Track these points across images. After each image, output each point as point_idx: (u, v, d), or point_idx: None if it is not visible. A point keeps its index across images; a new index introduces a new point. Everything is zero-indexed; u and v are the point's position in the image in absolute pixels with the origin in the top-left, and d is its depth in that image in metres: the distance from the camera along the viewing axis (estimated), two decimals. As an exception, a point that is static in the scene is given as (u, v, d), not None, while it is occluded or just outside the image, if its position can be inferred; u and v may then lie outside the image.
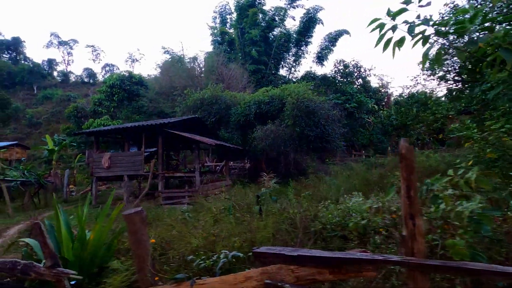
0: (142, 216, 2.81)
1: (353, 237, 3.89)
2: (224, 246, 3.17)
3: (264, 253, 2.19)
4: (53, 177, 17.82)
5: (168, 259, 3.47)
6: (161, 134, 14.02)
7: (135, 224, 2.75)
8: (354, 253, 1.96)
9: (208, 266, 2.64)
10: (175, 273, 2.73)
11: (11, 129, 43.79)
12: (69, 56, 72.76)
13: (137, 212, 2.77)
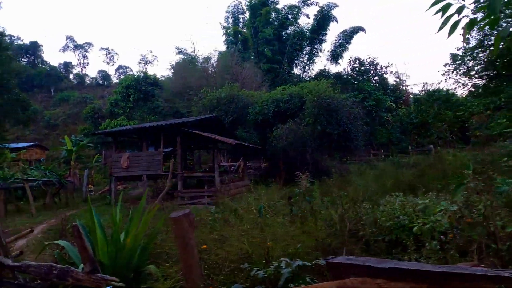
0: (190, 219, 2.55)
1: (408, 242, 3.54)
2: (275, 252, 2.88)
3: (343, 264, 1.87)
4: (72, 177, 18.00)
5: (210, 265, 3.19)
6: (180, 134, 13.88)
7: (183, 228, 2.49)
8: (466, 267, 1.62)
9: (268, 276, 2.33)
10: (229, 284, 2.46)
11: (30, 130, 44.91)
12: (84, 59, 74.38)
13: (186, 214, 2.51)
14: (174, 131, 14.28)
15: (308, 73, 40.01)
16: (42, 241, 8.39)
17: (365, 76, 32.26)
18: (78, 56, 72.80)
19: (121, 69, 74.14)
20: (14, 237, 3.85)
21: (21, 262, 3.34)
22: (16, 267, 3.41)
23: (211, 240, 3.78)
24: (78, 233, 2.81)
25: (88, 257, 2.85)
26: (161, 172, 13.99)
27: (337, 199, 5.99)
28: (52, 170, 15.38)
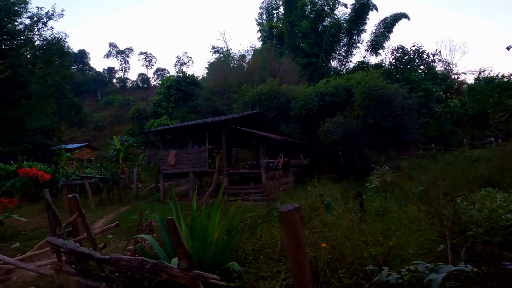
0: (301, 214, 2.26)
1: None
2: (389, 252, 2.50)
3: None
4: (122, 175, 18.93)
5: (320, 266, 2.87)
6: (225, 131, 13.89)
7: (294, 224, 2.20)
8: None
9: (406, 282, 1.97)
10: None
11: (81, 132, 48.55)
12: (126, 64, 78.76)
13: (297, 208, 2.22)
14: (218, 128, 14.33)
15: (346, 66, 38.48)
16: (105, 235, 8.76)
17: (409, 66, 30.14)
18: (120, 61, 77.31)
19: (158, 72, 77.52)
20: (100, 230, 3.90)
21: (110, 255, 3.30)
22: (105, 260, 3.39)
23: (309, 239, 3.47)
24: (174, 227, 2.66)
25: (185, 253, 2.69)
26: (208, 169, 14.11)
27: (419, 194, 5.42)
28: (107, 168, 16.25)
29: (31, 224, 10.35)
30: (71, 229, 4.67)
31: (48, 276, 5.12)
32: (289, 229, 2.24)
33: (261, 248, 3.87)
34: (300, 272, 2.25)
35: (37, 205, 14.16)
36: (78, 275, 3.94)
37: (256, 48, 33.23)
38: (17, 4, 10.86)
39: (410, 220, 4.23)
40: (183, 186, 21.77)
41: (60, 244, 3.96)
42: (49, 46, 11.50)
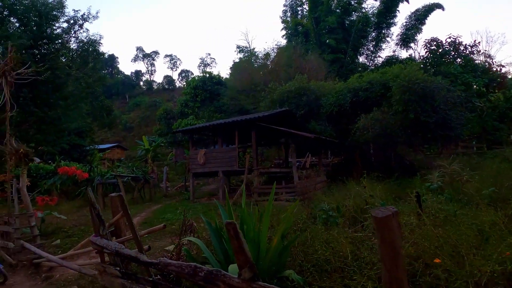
0: (398, 220, 1.84)
1: None
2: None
3: None
4: (151, 174, 19.20)
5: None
6: (254, 129, 13.59)
7: (392, 230, 1.78)
8: None
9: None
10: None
11: (112, 133, 50.47)
12: (152, 67, 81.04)
13: (394, 213, 1.80)
14: (248, 126, 14.06)
15: (374, 61, 37.00)
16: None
17: (445, 59, 28.29)
18: (147, 64, 79.68)
19: (183, 73, 79.08)
20: (147, 231, 3.71)
21: (158, 259, 3.05)
22: (152, 264, 3.15)
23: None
24: (235, 232, 2.33)
25: (247, 261, 2.35)
26: (237, 168, 13.89)
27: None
28: (138, 167, 16.53)
29: (70, 221, 10.61)
30: (113, 229, 4.54)
31: (90, 276, 5.05)
32: (386, 237, 1.82)
33: (313, 254, 3.48)
34: (396, 286, 1.83)
35: (73, 203, 14.64)
36: (122, 277, 3.76)
37: (281, 46, 32.74)
38: (55, 9, 11.21)
39: (489, 225, 3.66)
40: (210, 185, 21.79)
41: (104, 245, 3.80)
42: (85, 48, 11.80)
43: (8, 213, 7.12)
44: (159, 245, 7.19)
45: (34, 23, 10.85)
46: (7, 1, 10.31)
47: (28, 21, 10.69)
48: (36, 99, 11.33)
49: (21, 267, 6.72)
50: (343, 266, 3.03)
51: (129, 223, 3.29)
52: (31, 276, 6.34)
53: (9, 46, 7.34)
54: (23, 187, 6.82)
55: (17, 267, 6.70)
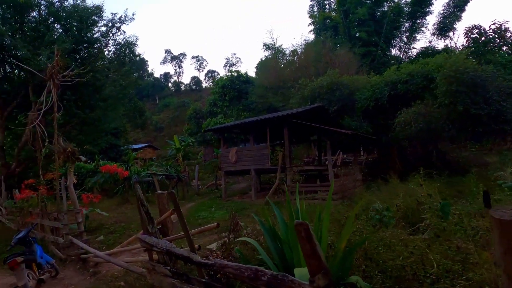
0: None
1: None
2: None
3: None
4: (184, 172, 19.54)
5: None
6: (286, 126, 13.29)
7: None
8: None
9: None
10: None
11: (143, 133, 52.41)
12: (180, 69, 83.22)
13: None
14: (279, 123, 13.79)
15: (408, 53, 35.11)
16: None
17: (488, 47, 26.06)
18: (175, 66, 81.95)
19: (209, 74, 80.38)
20: (199, 230, 3.60)
21: (213, 260, 2.89)
22: (207, 265, 2.99)
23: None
24: (306, 233, 2.09)
25: (321, 266, 2.10)
26: (269, 166, 13.67)
27: None
28: (171, 166, 16.88)
29: (111, 218, 11.01)
30: (160, 227, 4.49)
31: (136, 273, 5.07)
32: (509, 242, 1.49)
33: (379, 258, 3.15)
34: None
35: (112, 201, 15.23)
36: (172, 277, 3.67)
37: (309, 41, 32.02)
38: (94, 14, 11.66)
39: None
40: (240, 184, 21.78)
41: (154, 244, 3.73)
42: (122, 49, 12.19)
43: (57, 209, 7.45)
44: (197, 243, 7.14)
45: (76, 28, 11.36)
46: (52, 8, 10.88)
47: (70, 27, 11.21)
48: (78, 101, 11.85)
49: (70, 261, 6.98)
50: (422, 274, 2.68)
51: (181, 221, 3.17)
52: (79, 270, 6.56)
53: (56, 50, 7.65)
54: (70, 185, 7.08)
55: (66, 261, 6.97)
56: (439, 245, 3.37)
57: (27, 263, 4.85)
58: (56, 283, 5.77)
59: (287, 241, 3.01)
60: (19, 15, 10.61)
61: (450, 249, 3.21)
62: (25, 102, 11.48)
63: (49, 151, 8.35)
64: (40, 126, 7.93)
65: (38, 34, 10.81)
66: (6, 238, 9.46)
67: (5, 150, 12.08)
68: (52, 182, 8.16)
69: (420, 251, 3.23)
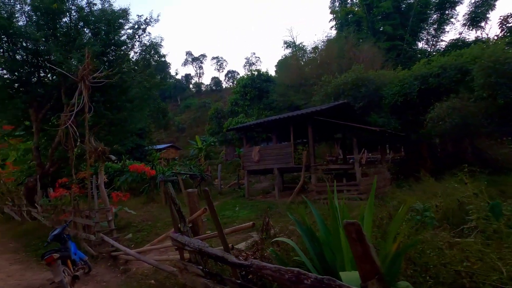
0: None
1: None
2: None
3: None
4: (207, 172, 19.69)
5: None
6: (310, 124, 12.98)
7: None
8: None
9: None
10: None
11: (166, 134, 53.63)
12: (200, 70, 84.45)
13: None
14: (303, 121, 13.51)
15: (436, 46, 33.45)
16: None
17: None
18: (195, 67, 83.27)
19: (229, 74, 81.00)
20: (232, 229, 3.50)
21: (250, 260, 2.75)
22: (242, 266, 2.86)
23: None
24: (358, 234, 1.90)
25: (375, 270, 1.90)
26: (293, 165, 13.43)
27: None
28: (195, 165, 17.05)
29: (138, 216, 11.24)
30: (190, 226, 4.44)
31: (167, 272, 5.06)
32: None
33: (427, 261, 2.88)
34: None
35: (139, 199, 15.60)
36: (205, 277, 3.58)
37: (330, 37, 31.31)
38: (121, 17, 11.95)
39: None
40: (262, 183, 21.65)
41: (186, 243, 3.67)
42: (147, 51, 12.43)
43: (89, 207, 7.67)
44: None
45: (104, 32, 11.70)
46: (82, 13, 11.27)
47: (99, 31, 11.57)
48: (106, 103, 12.19)
49: (101, 258, 7.15)
50: (482, 281, 2.40)
51: (215, 220, 3.07)
52: (110, 267, 6.69)
53: (86, 53, 7.88)
54: (101, 184, 7.26)
55: (98, 258, 7.15)
56: (496, 248, 3.04)
57: (62, 260, 4.97)
58: (89, 279, 5.90)
59: (328, 242, 2.82)
60: (52, 21, 11.08)
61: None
62: (58, 104, 11.97)
63: (80, 151, 8.66)
64: (72, 127, 8.21)
65: (69, 38, 11.25)
66: (42, 234, 9.91)
67: (40, 150, 12.65)
68: (83, 181, 8.42)
69: (476, 255, 2.93)
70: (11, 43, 11.30)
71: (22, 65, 11.68)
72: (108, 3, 11.89)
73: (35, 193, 11.70)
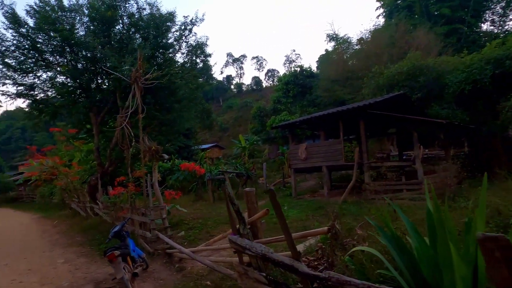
0: None
1: None
2: None
3: None
4: (252, 170, 19.58)
5: None
6: (362, 118, 12.05)
7: None
8: None
9: None
10: None
11: (209, 134, 55.24)
12: (241, 70, 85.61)
13: None
14: (354, 116, 12.63)
15: (504, 27, 29.37)
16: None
17: None
18: (236, 68, 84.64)
19: (269, 73, 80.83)
20: (301, 234, 3.13)
21: (326, 272, 2.33)
22: (318, 278, 2.46)
23: None
24: (506, 253, 1.38)
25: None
26: (343, 163, 12.62)
27: None
28: (241, 164, 17.04)
29: (188, 214, 11.45)
30: (249, 227, 4.16)
31: (222, 273, 4.87)
32: None
33: None
34: None
35: (188, 197, 16.04)
36: (269, 285, 3.25)
37: (378, 26, 29.25)
38: (168, 20, 12.31)
39: None
40: (308, 182, 20.94)
41: (247, 247, 3.38)
42: (193, 51, 12.66)
43: (144, 205, 7.90)
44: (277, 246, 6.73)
45: (152, 36, 12.12)
46: (133, 19, 11.82)
47: (148, 35, 12.02)
48: (156, 104, 12.62)
49: (157, 255, 7.28)
50: None
51: (282, 223, 2.71)
52: (166, 265, 6.75)
53: (138, 55, 8.11)
54: (155, 182, 7.40)
55: (154, 255, 7.28)
56: None
57: (123, 257, 5.05)
58: (146, 276, 5.98)
59: (425, 255, 2.28)
60: (107, 29, 11.81)
61: None
62: (114, 108, 12.75)
63: (135, 151, 9.01)
64: (128, 127, 8.53)
65: (122, 44, 11.88)
66: (103, 229, 10.55)
67: (100, 151, 13.61)
68: (139, 179, 8.72)
69: None
70: (73, 53, 12.29)
71: (83, 73, 12.65)
72: (156, 8, 12.30)
73: (96, 190, 12.59)
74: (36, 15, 11.47)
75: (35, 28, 11.37)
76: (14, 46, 11.68)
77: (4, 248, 9.78)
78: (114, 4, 11.11)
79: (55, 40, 11.62)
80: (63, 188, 15.67)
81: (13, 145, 62.12)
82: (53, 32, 11.27)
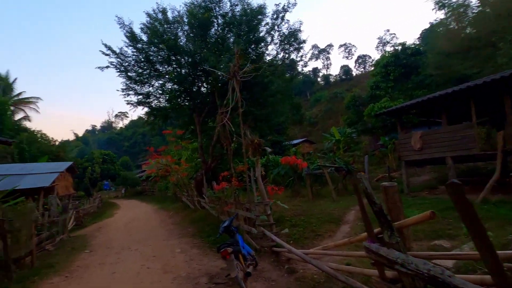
0: None
1: None
2: None
3: None
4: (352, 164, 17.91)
5: None
6: (508, 93, 9.21)
7: None
8: None
9: None
10: None
11: (298, 129, 54.56)
12: (327, 61, 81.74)
13: None
14: (491, 92, 9.83)
15: None
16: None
17: None
18: (322, 59, 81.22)
19: (360, 60, 74.59)
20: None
21: None
22: None
23: None
24: None
25: None
26: (478, 152, 9.96)
27: None
28: (340, 157, 15.75)
29: (289, 210, 11.01)
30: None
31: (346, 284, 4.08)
32: None
33: None
34: None
35: (285, 193, 15.69)
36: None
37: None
38: (259, 14, 12.14)
39: None
40: (420, 176, 17.92)
41: (399, 261, 2.51)
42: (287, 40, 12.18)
43: (248, 200, 7.78)
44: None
45: (244, 32, 12.15)
46: (226, 18, 12.12)
47: (240, 31, 12.11)
48: (251, 100, 12.64)
49: (263, 253, 6.99)
50: None
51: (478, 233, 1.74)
52: (274, 264, 6.35)
53: (235, 49, 8.02)
54: (258, 177, 7.15)
55: (260, 252, 7.01)
56: None
57: (235, 254, 4.83)
58: (256, 275, 5.67)
59: None
60: (204, 33, 12.46)
61: None
62: (213, 108, 13.41)
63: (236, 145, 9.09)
64: (228, 123, 8.60)
65: (218, 45, 12.34)
66: (210, 222, 11.11)
67: (203, 149, 14.61)
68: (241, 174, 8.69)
69: None
70: (177, 60, 13.46)
71: (186, 77, 13.77)
72: (247, 2, 12.28)
73: (202, 185, 13.51)
74: (147, 32, 13.01)
75: (147, 42, 12.90)
76: (134, 61, 13.55)
77: (137, 235, 11.36)
78: (209, 6, 11.54)
79: (162, 51, 12.95)
80: (175, 183, 17.62)
81: (137, 148, 75.46)
82: (161, 44, 12.56)
